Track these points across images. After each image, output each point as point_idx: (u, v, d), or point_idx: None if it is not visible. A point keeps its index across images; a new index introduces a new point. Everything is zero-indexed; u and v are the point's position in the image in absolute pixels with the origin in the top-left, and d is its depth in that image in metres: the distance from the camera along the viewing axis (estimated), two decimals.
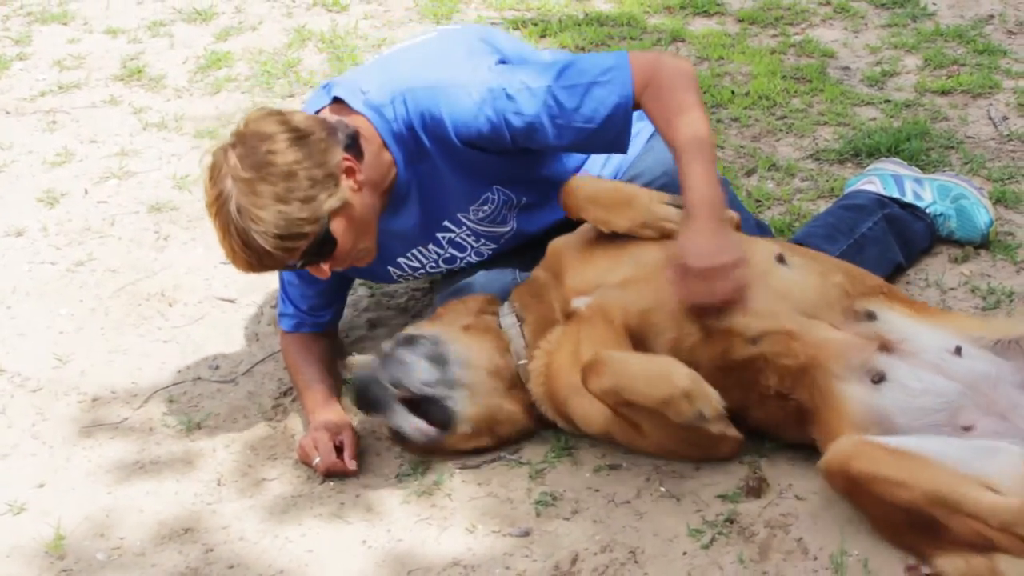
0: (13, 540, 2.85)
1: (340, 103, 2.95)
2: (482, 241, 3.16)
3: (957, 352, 2.64)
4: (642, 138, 3.25)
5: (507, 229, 3.15)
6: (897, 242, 3.37)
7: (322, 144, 2.74)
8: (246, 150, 2.69)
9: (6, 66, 5.16)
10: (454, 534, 2.76)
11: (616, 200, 2.89)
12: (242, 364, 3.39)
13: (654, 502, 2.78)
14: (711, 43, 4.84)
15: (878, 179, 3.50)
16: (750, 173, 3.94)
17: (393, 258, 3.18)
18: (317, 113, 2.95)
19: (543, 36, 5.01)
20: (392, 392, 2.81)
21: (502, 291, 3.11)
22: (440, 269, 3.24)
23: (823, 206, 3.66)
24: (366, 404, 2.89)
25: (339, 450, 2.93)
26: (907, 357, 2.64)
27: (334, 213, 2.75)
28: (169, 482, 3.00)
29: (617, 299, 2.81)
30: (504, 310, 3.00)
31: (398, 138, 2.91)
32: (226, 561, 2.75)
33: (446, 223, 3.09)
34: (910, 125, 4.06)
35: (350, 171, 2.79)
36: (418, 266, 3.22)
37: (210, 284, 3.71)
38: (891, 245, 3.35)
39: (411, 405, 2.83)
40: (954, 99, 4.30)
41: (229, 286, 3.68)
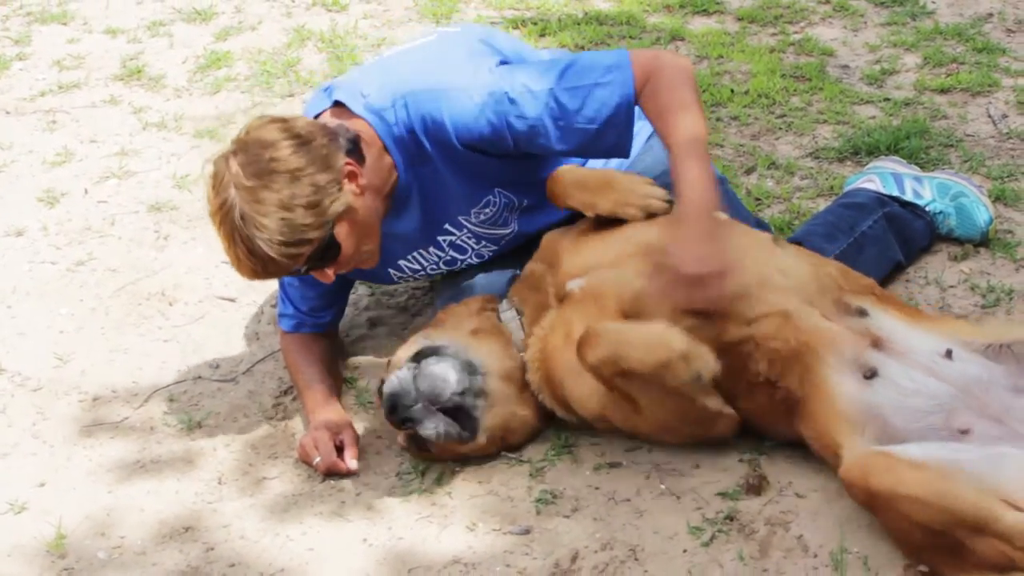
0: (14, 539, 2.85)
1: (341, 107, 2.95)
2: (483, 243, 3.16)
3: (948, 355, 2.63)
4: (641, 138, 3.26)
5: (508, 231, 3.15)
6: (897, 240, 3.37)
7: (324, 150, 2.74)
8: (248, 158, 2.70)
9: (6, 66, 5.16)
10: (454, 532, 2.76)
11: (600, 183, 2.93)
12: (242, 363, 3.39)
13: (654, 500, 2.78)
14: (710, 42, 4.84)
15: (878, 177, 3.50)
16: (750, 171, 3.94)
17: (394, 260, 3.18)
18: (318, 117, 2.95)
19: (543, 35, 5.01)
20: (425, 404, 2.77)
21: (502, 293, 3.11)
22: (440, 270, 3.24)
23: (822, 204, 3.66)
24: (399, 416, 2.80)
25: (339, 449, 2.94)
26: (899, 356, 2.64)
27: (338, 218, 2.75)
28: (170, 481, 3.00)
29: (611, 279, 2.81)
30: (503, 306, 3.01)
31: (399, 142, 2.92)
32: (227, 560, 2.75)
33: (447, 226, 3.09)
34: (909, 123, 4.06)
35: (352, 175, 2.79)
36: (418, 268, 3.22)
37: (210, 283, 3.71)
38: (891, 243, 3.35)
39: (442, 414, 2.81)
40: (953, 97, 4.30)
41: (229, 285, 3.68)
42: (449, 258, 3.18)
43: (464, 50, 3.04)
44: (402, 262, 3.19)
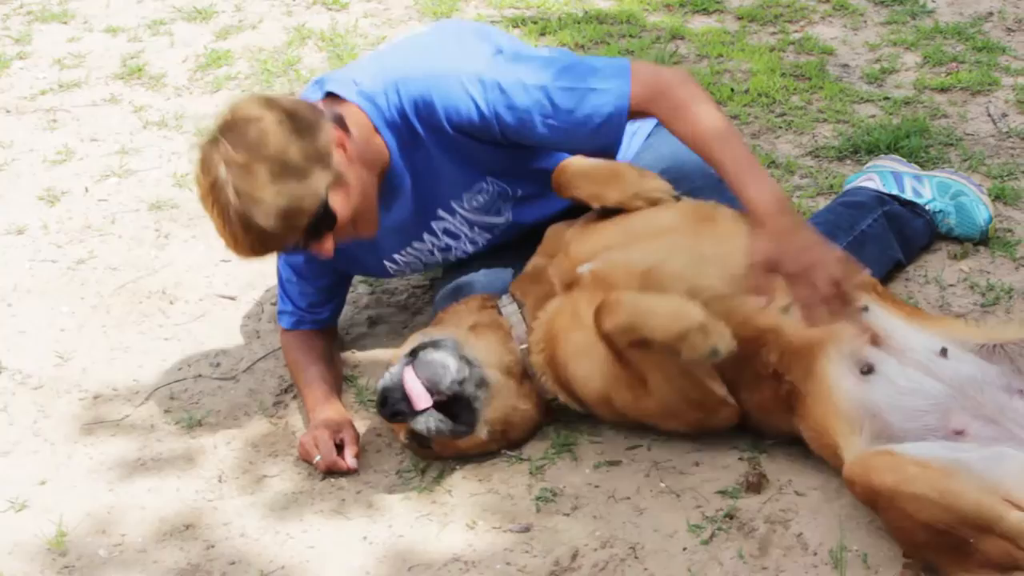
0: (15, 537, 2.85)
1: (333, 96, 2.95)
2: (476, 230, 3.16)
3: (943, 354, 2.63)
4: (640, 136, 3.26)
5: (502, 220, 3.15)
6: (897, 239, 3.37)
7: (310, 119, 2.74)
8: (236, 135, 2.69)
9: (6, 65, 5.16)
10: (454, 530, 2.76)
11: (606, 175, 2.93)
12: (243, 361, 3.39)
13: (654, 498, 2.78)
14: (710, 41, 4.84)
15: (877, 176, 3.50)
16: None
17: (389, 252, 3.18)
18: None
19: (543, 34, 5.01)
20: (421, 395, 2.76)
21: (503, 290, 3.11)
22: (436, 259, 3.23)
23: (822, 203, 3.66)
24: (390, 409, 2.80)
25: (340, 448, 2.94)
26: (896, 354, 2.64)
27: (331, 186, 2.74)
28: (170, 479, 3.00)
29: (621, 260, 2.81)
30: (504, 300, 3.00)
31: (391, 125, 2.91)
32: (227, 557, 2.76)
33: (440, 211, 3.08)
34: (909, 122, 4.07)
35: (340, 144, 2.78)
36: (413, 259, 3.21)
37: (211, 282, 3.72)
38: (891, 242, 3.36)
39: (438, 408, 2.80)
40: (953, 96, 4.31)
41: (230, 284, 3.69)
42: (444, 245, 3.17)
43: (458, 39, 3.05)
44: (397, 255, 3.19)
